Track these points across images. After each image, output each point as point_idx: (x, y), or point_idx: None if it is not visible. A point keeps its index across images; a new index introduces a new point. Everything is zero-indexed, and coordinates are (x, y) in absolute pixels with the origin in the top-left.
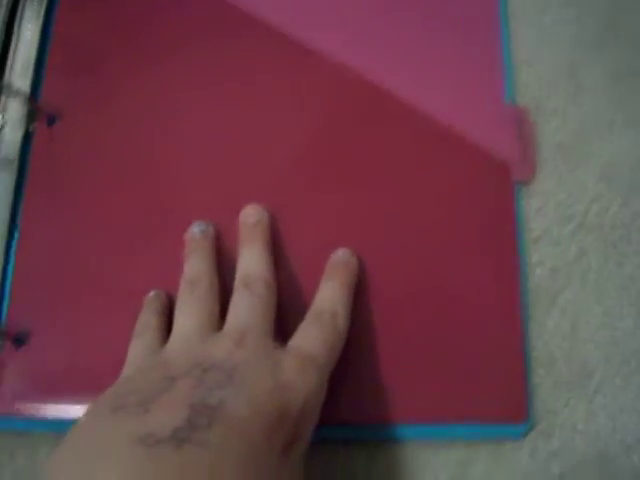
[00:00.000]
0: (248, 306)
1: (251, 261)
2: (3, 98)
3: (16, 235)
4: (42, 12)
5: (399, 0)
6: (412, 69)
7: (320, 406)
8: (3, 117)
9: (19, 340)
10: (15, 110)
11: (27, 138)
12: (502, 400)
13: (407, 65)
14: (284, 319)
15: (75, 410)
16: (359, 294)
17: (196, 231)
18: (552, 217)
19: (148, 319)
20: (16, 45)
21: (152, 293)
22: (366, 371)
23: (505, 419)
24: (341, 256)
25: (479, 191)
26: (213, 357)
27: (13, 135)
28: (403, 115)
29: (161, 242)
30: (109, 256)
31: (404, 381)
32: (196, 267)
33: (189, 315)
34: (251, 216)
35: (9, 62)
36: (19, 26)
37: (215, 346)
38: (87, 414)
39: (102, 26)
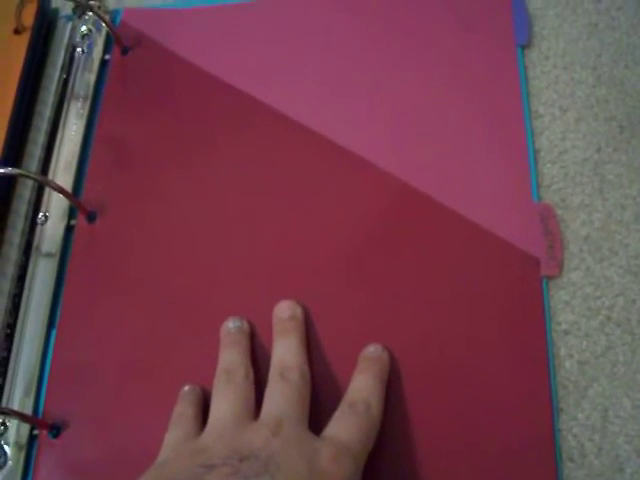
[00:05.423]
0: (284, 395)
1: (286, 352)
2: (46, 194)
3: (55, 326)
4: (86, 111)
5: (428, 101)
6: (443, 170)
7: None
8: (46, 212)
9: (55, 430)
10: (57, 206)
11: (69, 233)
12: None
13: (439, 167)
14: (317, 410)
15: None
16: (390, 386)
17: (231, 326)
18: (580, 310)
19: (184, 409)
20: (60, 143)
21: (187, 387)
22: (399, 462)
23: None
24: (373, 351)
25: (508, 285)
26: (250, 445)
27: (55, 230)
28: (434, 213)
29: (196, 337)
30: (145, 349)
31: (436, 472)
32: (232, 358)
33: (226, 403)
34: (285, 310)
35: (53, 159)
36: (64, 124)
37: (252, 434)
38: None
39: (143, 126)
